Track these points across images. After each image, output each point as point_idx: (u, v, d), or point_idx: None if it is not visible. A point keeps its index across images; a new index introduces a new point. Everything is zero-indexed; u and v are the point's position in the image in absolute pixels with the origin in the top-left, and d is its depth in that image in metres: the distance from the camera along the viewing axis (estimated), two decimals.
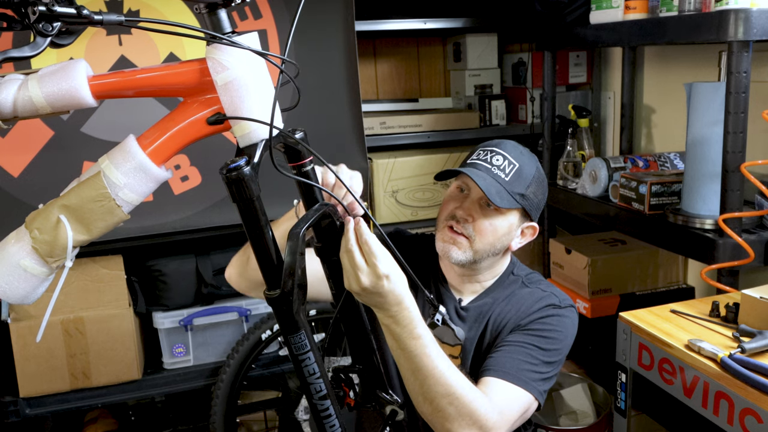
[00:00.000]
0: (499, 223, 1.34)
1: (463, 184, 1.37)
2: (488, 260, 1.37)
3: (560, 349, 1.31)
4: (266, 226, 0.96)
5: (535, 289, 1.39)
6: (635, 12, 1.94)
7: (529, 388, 1.24)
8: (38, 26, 0.80)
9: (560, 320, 1.33)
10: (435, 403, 1.12)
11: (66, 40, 0.84)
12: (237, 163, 0.90)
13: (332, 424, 1.06)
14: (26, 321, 2.03)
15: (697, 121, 1.74)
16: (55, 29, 0.81)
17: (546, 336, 1.30)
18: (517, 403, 1.22)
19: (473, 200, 1.34)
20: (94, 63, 0.95)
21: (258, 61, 0.93)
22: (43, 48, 0.81)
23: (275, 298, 0.96)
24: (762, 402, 1.17)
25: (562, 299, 1.37)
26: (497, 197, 1.29)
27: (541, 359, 1.27)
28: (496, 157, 1.34)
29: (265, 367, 2.32)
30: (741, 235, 1.62)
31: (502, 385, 1.22)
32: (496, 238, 1.34)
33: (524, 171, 1.35)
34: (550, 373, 1.28)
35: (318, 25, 2.09)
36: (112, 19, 0.82)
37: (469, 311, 1.39)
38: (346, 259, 1.04)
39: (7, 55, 0.80)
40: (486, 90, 2.77)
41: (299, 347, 1.00)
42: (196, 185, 2.07)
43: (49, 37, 0.81)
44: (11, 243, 0.92)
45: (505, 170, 1.33)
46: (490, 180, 1.31)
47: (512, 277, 1.43)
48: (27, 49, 0.81)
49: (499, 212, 1.33)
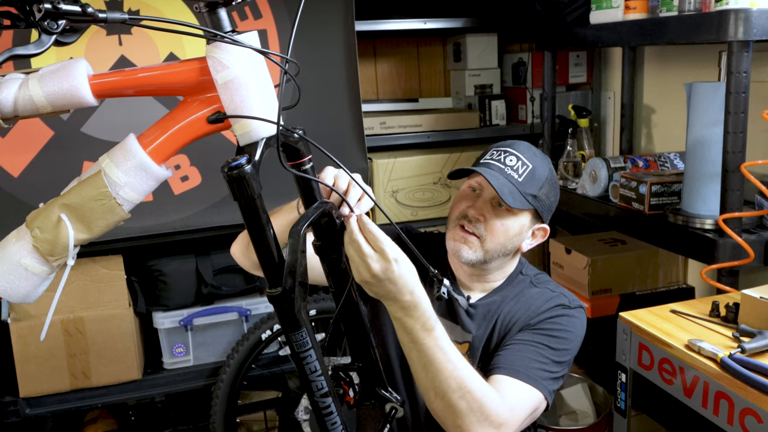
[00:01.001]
0: (510, 223, 1.33)
1: (476, 184, 1.36)
2: (498, 260, 1.37)
3: (569, 350, 1.31)
4: (267, 224, 0.96)
5: (544, 289, 1.39)
6: (635, 12, 1.94)
7: (539, 386, 1.23)
8: (43, 24, 0.80)
9: (570, 320, 1.33)
10: (446, 398, 1.11)
11: (70, 38, 0.84)
12: (238, 161, 0.90)
13: (333, 422, 1.06)
14: (26, 321, 2.03)
15: (697, 121, 1.74)
16: (60, 27, 0.80)
17: (556, 336, 1.30)
18: (527, 400, 1.22)
19: (485, 200, 1.34)
20: (95, 63, 0.95)
21: (258, 60, 0.93)
22: (48, 46, 0.81)
23: (277, 296, 0.96)
24: (762, 402, 1.17)
25: (571, 300, 1.37)
26: (510, 197, 1.29)
27: (551, 358, 1.27)
28: (510, 158, 1.34)
29: (265, 367, 2.32)
30: (741, 235, 1.62)
31: (512, 383, 1.22)
32: (507, 239, 1.34)
33: (537, 172, 1.34)
34: (559, 372, 1.28)
35: (318, 25, 2.09)
36: (116, 17, 0.82)
37: (477, 309, 1.39)
38: (353, 249, 1.03)
39: (13, 53, 0.80)
40: (486, 90, 2.77)
41: (300, 345, 1.00)
42: (196, 185, 2.07)
43: (54, 35, 0.81)
44: (12, 242, 0.92)
45: (518, 171, 1.32)
46: (503, 180, 1.31)
47: (521, 276, 1.43)
48: (32, 47, 0.81)
49: (511, 213, 1.33)
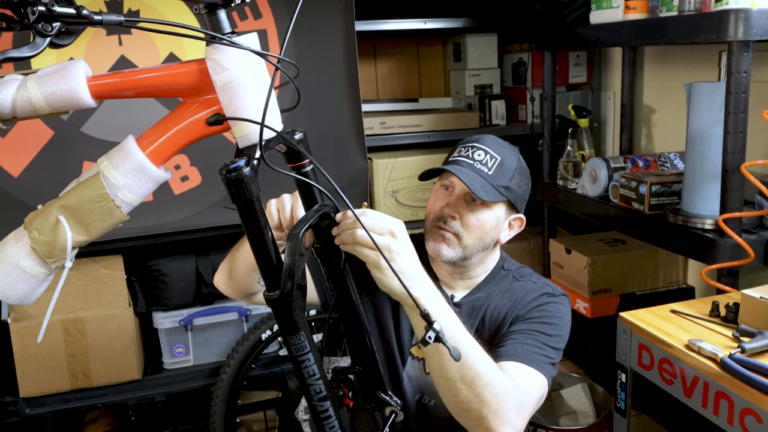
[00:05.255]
0: (486, 217, 1.35)
1: (448, 182, 1.38)
2: (478, 255, 1.38)
3: (562, 336, 1.33)
4: (266, 227, 0.95)
5: (527, 282, 1.42)
6: (635, 12, 1.94)
7: (542, 370, 1.25)
8: (37, 26, 0.79)
9: (557, 307, 1.35)
10: (473, 386, 1.08)
11: (65, 41, 0.84)
12: (236, 163, 0.90)
13: (332, 426, 1.06)
14: (26, 321, 2.03)
15: (697, 121, 1.74)
16: (55, 29, 0.80)
17: (548, 322, 1.32)
18: (535, 384, 1.22)
19: (459, 196, 1.35)
20: (94, 63, 0.95)
21: (257, 62, 0.93)
22: (42, 48, 0.81)
23: (275, 299, 0.96)
24: (762, 402, 1.17)
25: (555, 288, 1.40)
26: (482, 191, 1.30)
27: (548, 344, 1.29)
28: (478, 152, 1.36)
29: (265, 367, 2.33)
30: (741, 235, 1.62)
31: (519, 367, 1.22)
32: (484, 232, 1.36)
33: (506, 163, 1.36)
34: (555, 359, 1.30)
35: (318, 25, 2.09)
36: (112, 19, 0.82)
37: (462, 307, 1.40)
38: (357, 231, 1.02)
39: (7, 56, 0.80)
40: (486, 90, 2.77)
41: (299, 348, 1.00)
42: (196, 185, 2.07)
43: (48, 38, 0.81)
44: (10, 244, 0.91)
45: (488, 164, 1.34)
46: (473, 175, 1.32)
47: (503, 272, 1.44)
48: (26, 49, 0.80)
49: (485, 206, 1.34)
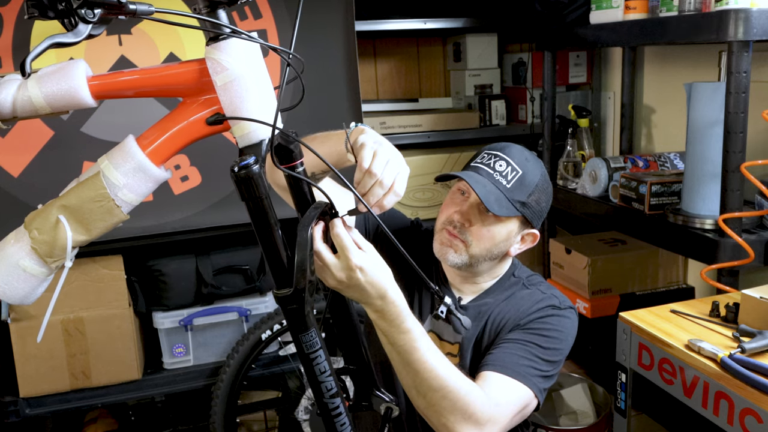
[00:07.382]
0: (497, 229, 1.32)
1: (465, 187, 1.35)
2: (486, 264, 1.36)
3: (560, 349, 1.31)
4: (275, 224, 0.95)
5: (535, 291, 1.39)
6: (635, 12, 1.94)
7: (528, 382, 1.23)
8: (81, 12, 0.81)
9: (560, 320, 1.33)
10: (428, 397, 1.12)
11: (97, 30, 0.85)
12: (246, 161, 0.90)
13: (343, 423, 1.06)
14: (26, 321, 2.03)
15: (697, 121, 1.74)
16: (97, 16, 0.82)
17: (545, 335, 1.30)
18: (515, 396, 1.21)
19: (472, 205, 1.33)
20: (94, 63, 0.95)
21: (257, 62, 0.93)
22: (85, 35, 0.82)
23: (287, 296, 0.95)
24: (762, 402, 1.17)
25: (562, 300, 1.37)
26: (495, 205, 1.28)
27: (540, 356, 1.27)
28: (500, 163, 1.32)
29: (265, 367, 2.32)
30: (741, 235, 1.62)
31: (500, 379, 1.22)
32: (494, 245, 1.33)
33: (527, 178, 1.32)
34: (550, 372, 1.28)
35: (318, 25, 2.09)
36: (144, 9, 0.84)
37: (468, 310, 1.39)
38: (316, 257, 1.01)
39: (54, 41, 0.82)
40: (486, 90, 2.77)
41: (310, 346, 1.00)
42: (196, 185, 2.07)
43: (90, 24, 0.82)
44: (10, 243, 0.92)
45: (507, 177, 1.31)
46: (490, 187, 1.29)
47: (513, 279, 1.42)
48: (71, 35, 0.82)
49: (497, 219, 1.31)
